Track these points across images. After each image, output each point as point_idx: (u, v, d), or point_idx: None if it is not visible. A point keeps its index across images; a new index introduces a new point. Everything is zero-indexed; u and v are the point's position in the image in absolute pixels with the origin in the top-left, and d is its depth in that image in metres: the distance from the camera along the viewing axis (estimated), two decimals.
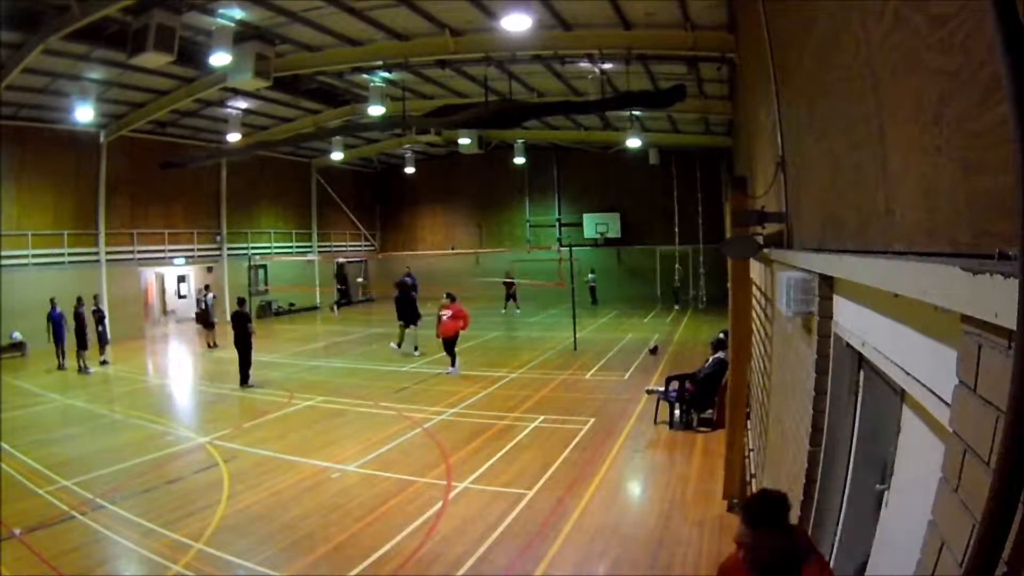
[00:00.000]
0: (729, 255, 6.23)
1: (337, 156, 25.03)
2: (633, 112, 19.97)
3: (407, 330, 16.04)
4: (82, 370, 14.67)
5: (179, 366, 16.77)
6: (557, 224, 30.44)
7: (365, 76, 16.35)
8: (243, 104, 19.31)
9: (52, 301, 15.47)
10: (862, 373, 2.56)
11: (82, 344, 14.89)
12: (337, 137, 22.67)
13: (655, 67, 14.87)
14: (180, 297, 24.54)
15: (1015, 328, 0.90)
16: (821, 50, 2.64)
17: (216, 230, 24.84)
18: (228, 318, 17.96)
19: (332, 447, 8.76)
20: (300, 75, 15.99)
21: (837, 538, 2.66)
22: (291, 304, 27.49)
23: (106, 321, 16.26)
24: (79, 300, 15.44)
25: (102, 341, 15.88)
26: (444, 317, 13.69)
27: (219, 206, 24.84)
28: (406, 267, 27.76)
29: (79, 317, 15.05)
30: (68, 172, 19.12)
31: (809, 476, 2.84)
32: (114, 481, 7.45)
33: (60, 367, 15.04)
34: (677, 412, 9.36)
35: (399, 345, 16.06)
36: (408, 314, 15.98)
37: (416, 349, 16.02)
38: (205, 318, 18.85)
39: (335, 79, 17.19)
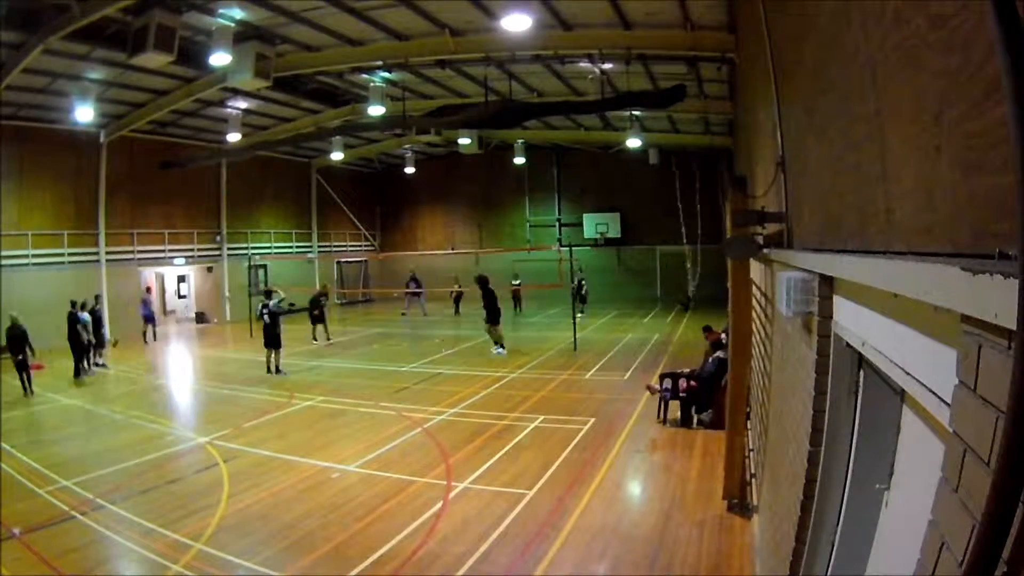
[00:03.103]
0: (729, 255, 6.23)
1: (337, 156, 25.04)
2: (633, 112, 19.98)
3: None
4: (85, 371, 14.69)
5: (179, 366, 16.76)
6: (557, 224, 30.45)
7: (365, 76, 16.36)
8: (243, 104, 19.31)
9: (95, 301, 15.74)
10: (862, 373, 2.56)
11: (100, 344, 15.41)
12: (337, 137, 22.68)
13: (655, 67, 14.88)
14: (180, 297, 24.55)
15: (1015, 328, 0.90)
16: (821, 50, 2.64)
17: (216, 230, 24.85)
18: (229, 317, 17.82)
19: (332, 447, 8.76)
20: (300, 75, 16.00)
21: (837, 538, 2.66)
22: (291, 304, 27.46)
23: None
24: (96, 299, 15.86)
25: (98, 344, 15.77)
26: None
27: (219, 206, 24.85)
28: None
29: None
30: (68, 172, 19.13)
31: (809, 476, 2.84)
32: (114, 481, 7.45)
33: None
34: (673, 409, 9.38)
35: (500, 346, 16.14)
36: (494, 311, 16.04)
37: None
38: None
39: (335, 79, 17.19)
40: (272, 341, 13.90)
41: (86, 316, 14.39)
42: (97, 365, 15.14)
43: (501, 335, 16.20)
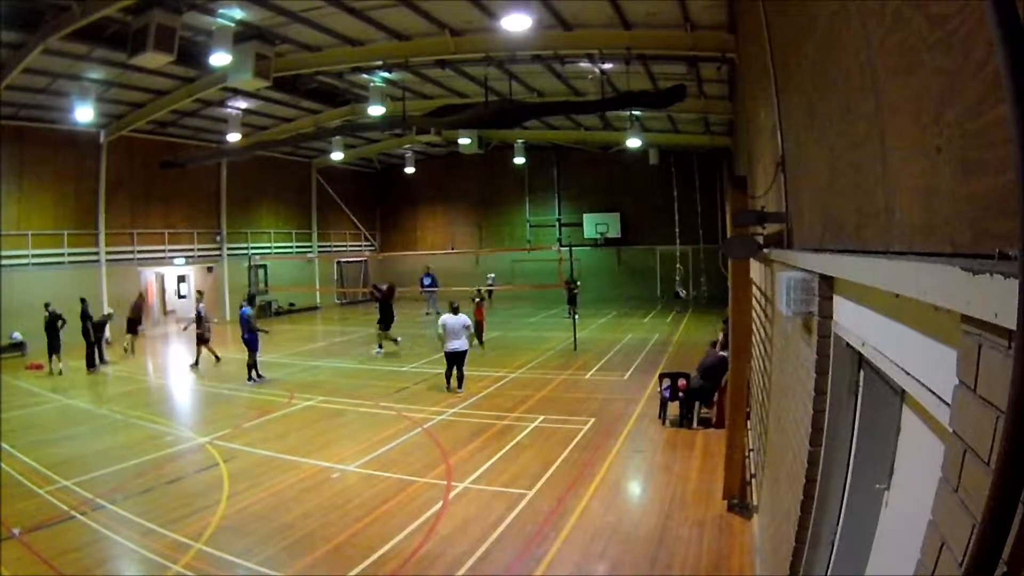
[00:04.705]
0: (729, 255, 6.24)
1: (337, 156, 25.04)
2: (633, 112, 19.98)
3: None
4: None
5: (179, 366, 16.75)
6: (557, 224, 30.45)
7: (365, 76, 16.36)
8: (243, 104, 19.31)
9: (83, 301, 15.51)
10: (862, 373, 2.56)
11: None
12: (337, 137, 22.68)
13: (655, 67, 14.87)
14: (180, 297, 24.53)
15: (1015, 328, 0.90)
16: (821, 50, 2.65)
17: (216, 230, 24.85)
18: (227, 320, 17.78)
19: (332, 447, 8.76)
20: (300, 75, 15.99)
21: (837, 538, 2.66)
22: (291, 304, 27.49)
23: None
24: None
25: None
26: None
27: (219, 206, 24.85)
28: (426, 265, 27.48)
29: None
30: (68, 172, 19.13)
31: (809, 476, 2.84)
32: (114, 481, 7.45)
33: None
34: (673, 409, 9.38)
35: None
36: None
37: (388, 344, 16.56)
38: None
39: (335, 79, 17.19)
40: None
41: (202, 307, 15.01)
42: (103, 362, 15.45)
43: (387, 338, 16.54)
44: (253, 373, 13.20)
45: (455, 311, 11.92)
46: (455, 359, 11.75)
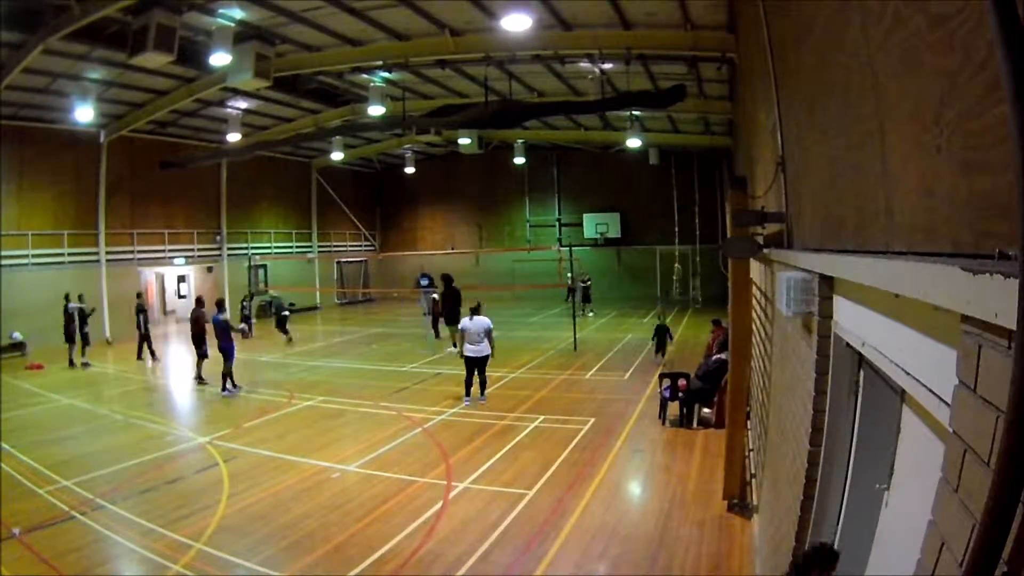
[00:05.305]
0: (729, 255, 6.24)
1: (337, 156, 25.05)
2: (633, 112, 19.98)
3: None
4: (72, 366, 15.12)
5: (179, 366, 16.74)
6: (557, 224, 30.46)
7: (365, 76, 16.36)
8: (243, 104, 19.31)
9: (67, 297, 15.62)
10: (862, 373, 2.56)
11: (70, 340, 15.29)
12: (337, 137, 22.69)
13: (655, 67, 14.88)
14: (180, 297, 24.52)
15: (1015, 328, 0.90)
16: (821, 50, 2.65)
17: (216, 230, 24.85)
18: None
19: (332, 447, 8.76)
20: (300, 75, 16.00)
21: (837, 538, 2.66)
22: (291, 304, 27.47)
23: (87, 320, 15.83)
24: (66, 297, 15.63)
25: (84, 341, 15.62)
26: None
27: (219, 206, 24.85)
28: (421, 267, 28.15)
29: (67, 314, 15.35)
30: (68, 172, 19.13)
31: (809, 476, 2.84)
32: (114, 481, 7.45)
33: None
34: (673, 409, 9.38)
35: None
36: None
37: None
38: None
39: (335, 79, 17.19)
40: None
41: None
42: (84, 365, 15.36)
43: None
44: (228, 383, 12.26)
45: (474, 312, 10.82)
46: (474, 364, 10.76)
